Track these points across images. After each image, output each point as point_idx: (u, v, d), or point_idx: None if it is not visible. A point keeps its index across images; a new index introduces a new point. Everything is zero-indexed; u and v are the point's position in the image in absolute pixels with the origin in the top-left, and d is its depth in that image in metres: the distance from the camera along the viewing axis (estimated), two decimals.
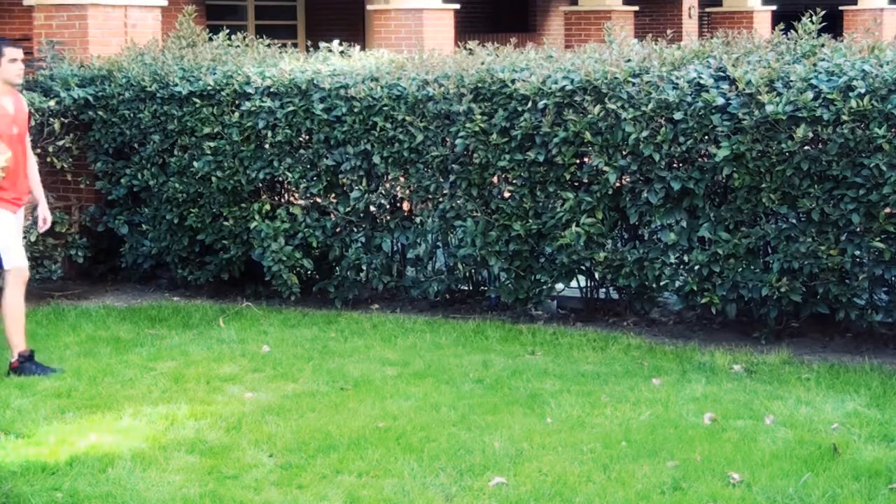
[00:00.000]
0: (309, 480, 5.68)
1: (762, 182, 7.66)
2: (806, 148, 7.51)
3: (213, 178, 9.30)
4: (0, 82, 7.61)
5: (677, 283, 8.15)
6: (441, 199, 8.80)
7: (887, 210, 7.39)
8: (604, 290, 8.84)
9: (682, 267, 8.15)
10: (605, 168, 8.07)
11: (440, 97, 8.60)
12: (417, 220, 8.98)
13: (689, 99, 7.77)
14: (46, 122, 9.48)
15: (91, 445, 6.13)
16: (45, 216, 7.85)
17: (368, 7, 14.82)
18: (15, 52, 7.63)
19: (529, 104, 8.28)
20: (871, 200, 7.38)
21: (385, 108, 8.80)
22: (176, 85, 9.45)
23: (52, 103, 9.48)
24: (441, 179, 8.75)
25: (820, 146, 7.50)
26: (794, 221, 7.75)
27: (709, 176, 7.86)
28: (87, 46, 10.35)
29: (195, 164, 9.38)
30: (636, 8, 19.10)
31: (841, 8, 23.59)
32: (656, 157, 7.89)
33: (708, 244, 8.00)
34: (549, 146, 8.26)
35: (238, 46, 9.99)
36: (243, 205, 9.33)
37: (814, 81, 7.49)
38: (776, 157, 7.55)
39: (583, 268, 8.56)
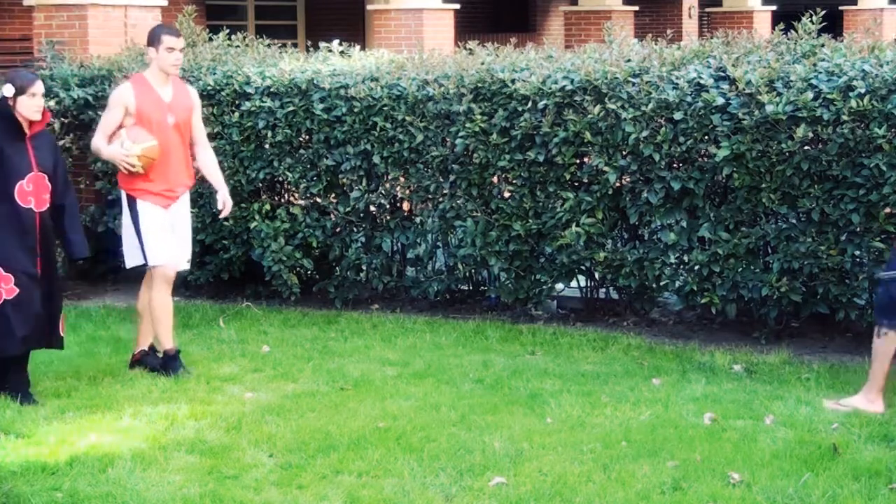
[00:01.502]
0: (309, 480, 5.67)
1: (762, 182, 7.66)
2: (806, 148, 7.51)
3: None
4: (156, 70, 7.43)
5: (677, 283, 8.15)
6: (441, 199, 8.80)
7: (887, 210, 7.40)
8: (604, 290, 8.84)
9: (682, 267, 8.15)
10: (605, 168, 8.07)
11: (440, 97, 8.60)
12: (417, 220, 8.98)
13: (689, 99, 7.77)
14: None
15: (91, 445, 6.12)
16: (224, 200, 7.72)
17: (368, 7, 14.82)
18: (173, 42, 7.37)
19: (529, 104, 8.27)
20: (871, 200, 7.38)
21: (385, 108, 8.80)
22: None
23: (52, 103, 9.47)
24: (441, 179, 8.75)
25: (820, 146, 7.50)
26: (794, 221, 7.75)
27: (709, 176, 7.86)
28: (87, 46, 10.35)
29: (195, 163, 9.36)
30: (636, 8, 19.10)
31: (841, 8, 23.59)
32: (656, 157, 7.89)
33: (708, 244, 8.00)
34: (549, 146, 8.26)
35: (238, 46, 9.98)
36: (243, 205, 9.33)
37: (814, 81, 7.49)
38: (776, 157, 7.55)
39: (583, 268, 8.56)
